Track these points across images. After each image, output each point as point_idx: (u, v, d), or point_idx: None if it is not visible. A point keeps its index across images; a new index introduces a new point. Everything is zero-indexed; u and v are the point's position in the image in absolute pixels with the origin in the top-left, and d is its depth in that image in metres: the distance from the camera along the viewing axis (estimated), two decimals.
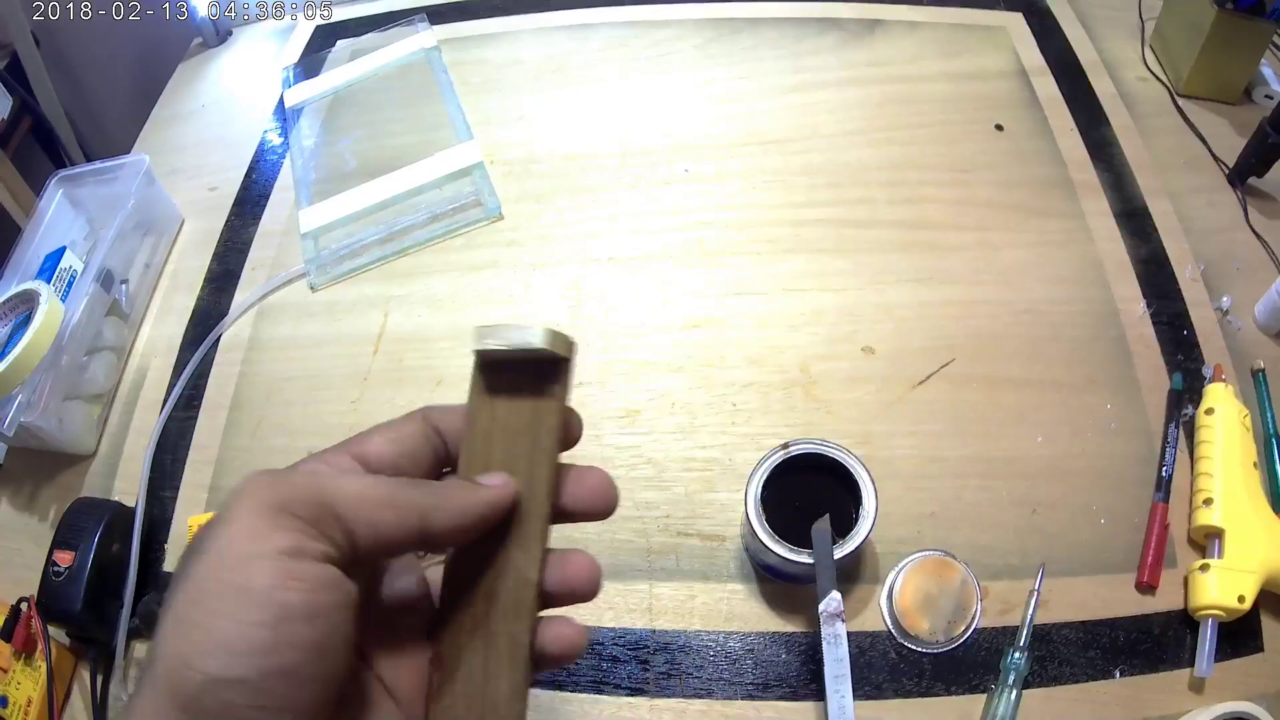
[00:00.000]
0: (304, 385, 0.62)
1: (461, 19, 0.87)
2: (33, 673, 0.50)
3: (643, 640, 0.49)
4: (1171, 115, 0.71)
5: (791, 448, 0.46)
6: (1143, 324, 0.58)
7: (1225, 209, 0.64)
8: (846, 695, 0.41)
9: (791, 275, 0.63)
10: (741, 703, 0.46)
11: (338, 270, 0.68)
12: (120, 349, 0.65)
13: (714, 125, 0.73)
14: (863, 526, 0.44)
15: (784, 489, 0.46)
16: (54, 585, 0.50)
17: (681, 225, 0.66)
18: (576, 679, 0.48)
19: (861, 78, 0.75)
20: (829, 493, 0.47)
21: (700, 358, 0.59)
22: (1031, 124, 0.70)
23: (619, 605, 0.50)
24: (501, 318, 0.63)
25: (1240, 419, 0.51)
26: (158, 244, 0.72)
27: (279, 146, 0.79)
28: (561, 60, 0.81)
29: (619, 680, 0.48)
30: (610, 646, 0.49)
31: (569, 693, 0.47)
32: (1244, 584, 0.45)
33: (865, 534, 0.44)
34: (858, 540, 0.44)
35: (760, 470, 0.46)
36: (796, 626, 0.48)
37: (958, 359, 0.57)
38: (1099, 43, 0.77)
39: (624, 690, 0.47)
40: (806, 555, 0.44)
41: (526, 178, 0.72)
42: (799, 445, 0.46)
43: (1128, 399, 0.55)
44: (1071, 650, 0.46)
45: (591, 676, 0.48)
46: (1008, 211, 0.65)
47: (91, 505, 0.55)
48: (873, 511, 0.45)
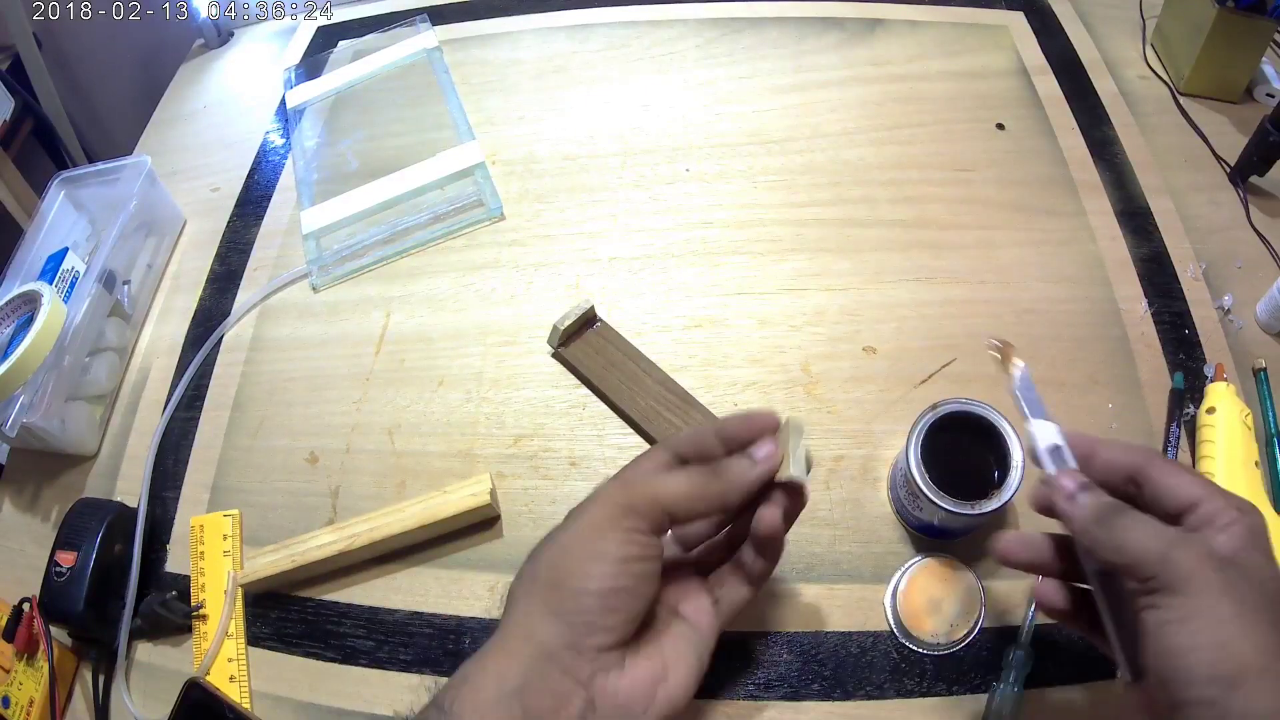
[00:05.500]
0: (306, 385, 0.62)
1: (463, 19, 0.87)
2: (35, 673, 0.51)
3: None
4: (1173, 114, 0.71)
5: (940, 407, 0.47)
6: (1144, 323, 0.58)
7: (1226, 208, 0.64)
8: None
9: (793, 274, 0.63)
10: (742, 703, 0.46)
11: (340, 270, 0.68)
12: (122, 350, 0.66)
13: (715, 125, 0.73)
14: (1013, 478, 0.44)
15: (932, 448, 0.47)
16: (56, 586, 0.51)
17: (683, 225, 0.67)
18: None
19: (863, 77, 0.75)
20: (975, 449, 0.47)
21: (702, 357, 0.59)
22: (1033, 123, 0.70)
23: None
24: (503, 318, 0.63)
25: (1242, 418, 0.51)
26: (160, 245, 0.72)
27: (281, 147, 0.79)
28: (563, 60, 0.81)
29: None
30: None
31: None
32: None
33: (1016, 485, 0.44)
34: (1010, 491, 0.44)
35: (916, 430, 0.47)
36: (797, 626, 0.48)
37: (959, 358, 0.57)
38: (1100, 41, 0.77)
39: None
40: (969, 507, 0.44)
41: (528, 178, 0.72)
42: (947, 405, 0.47)
43: (1129, 398, 0.55)
44: (1073, 649, 0.46)
45: None
46: (1009, 210, 0.65)
47: (94, 506, 0.55)
48: (1022, 464, 0.45)
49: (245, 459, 0.59)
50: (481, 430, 0.58)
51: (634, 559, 0.36)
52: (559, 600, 0.35)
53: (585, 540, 0.36)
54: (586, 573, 0.35)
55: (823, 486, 0.53)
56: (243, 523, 0.56)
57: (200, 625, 0.52)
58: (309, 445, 0.59)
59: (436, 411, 0.59)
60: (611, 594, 0.35)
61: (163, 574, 0.55)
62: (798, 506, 0.40)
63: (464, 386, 0.60)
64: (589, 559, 0.35)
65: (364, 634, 0.51)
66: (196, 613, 0.52)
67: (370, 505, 0.54)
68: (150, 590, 0.54)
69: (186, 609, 0.52)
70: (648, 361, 0.58)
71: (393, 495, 0.56)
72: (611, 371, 0.58)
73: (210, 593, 0.53)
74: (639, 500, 0.37)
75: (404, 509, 0.52)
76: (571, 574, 0.35)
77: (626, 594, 0.36)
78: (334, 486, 0.57)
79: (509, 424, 0.58)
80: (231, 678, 0.50)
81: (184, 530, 0.57)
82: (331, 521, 0.54)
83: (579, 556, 0.36)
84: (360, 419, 0.59)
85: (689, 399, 0.56)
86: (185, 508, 0.58)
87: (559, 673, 0.34)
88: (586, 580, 0.35)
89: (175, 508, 0.58)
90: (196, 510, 0.57)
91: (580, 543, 0.36)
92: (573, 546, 0.36)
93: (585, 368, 0.58)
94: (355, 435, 0.59)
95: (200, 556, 0.54)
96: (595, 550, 0.36)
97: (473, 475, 0.54)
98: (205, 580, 0.53)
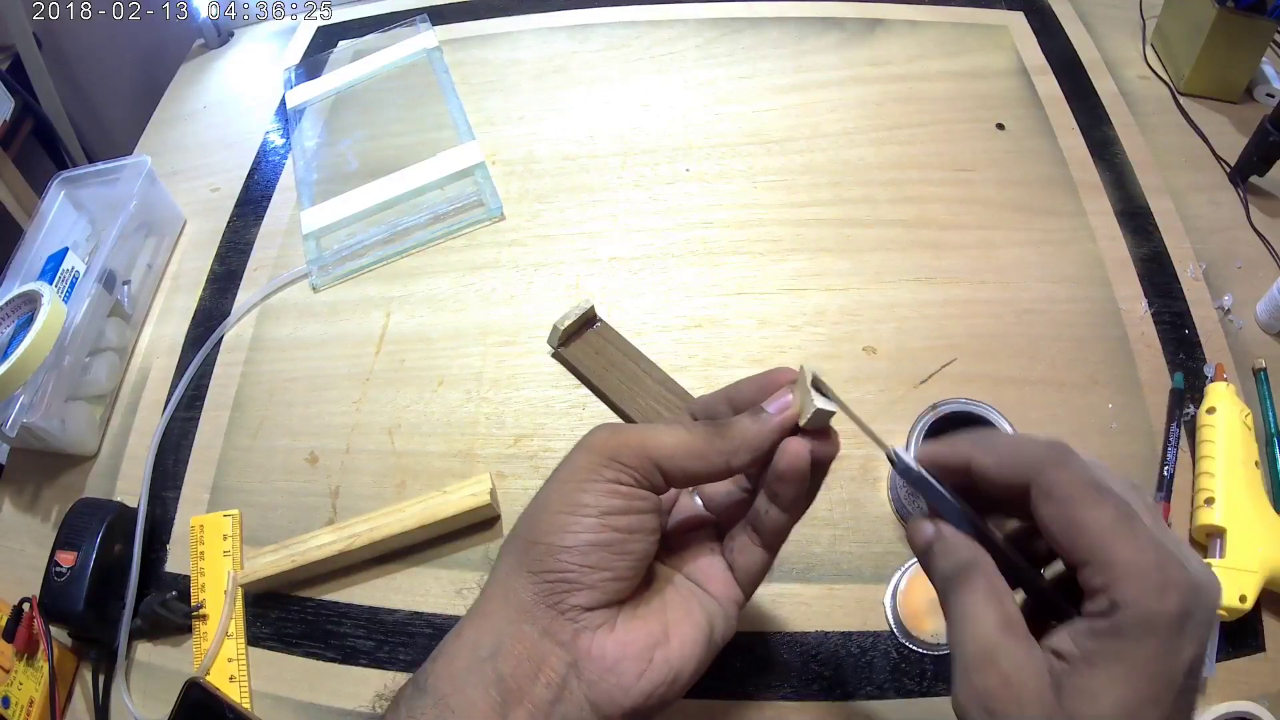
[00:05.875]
0: (306, 385, 0.62)
1: (463, 19, 0.87)
2: (35, 673, 0.51)
3: None
4: (1173, 114, 0.71)
5: (940, 407, 0.47)
6: (1144, 323, 0.58)
7: (1226, 207, 0.64)
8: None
9: (793, 274, 0.63)
10: (742, 703, 0.46)
11: (340, 271, 0.68)
12: (122, 350, 0.66)
13: (715, 125, 0.73)
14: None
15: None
16: (56, 586, 0.51)
17: (683, 225, 0.67)
18: None
19: (863, 77, 0.75)
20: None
21: (702, 357, 0.59)
22: (1033, 123, 0.70)
23: None
24: (503, 318, 0.63)
25: (1242, 418, 0.51)
26: (160, 245, 0.72)
27: (281, 147, 0.79)
28: (563, 60, 0.81)
29: None
30: None
31: None
32: (1245, 583, 0.45)
33: None
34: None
35: (916, 430, 0.47)
36: (797, 627, 0.48)
37: (959, 358, 0.57)
38: (1100, 41, 0.77)
39: None
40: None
41: (528, 178, 0.72)
42: (947, 405, 0.47)
43: (1129, 398, 0.55)
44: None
45: None
46: (1009, 210, 0.65)
47: (94, 506, 0.55)
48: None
49: (245, 459, 0.59)
50: (481, 430, 0.58)
51: (617, 512, 0.32)
52: (536, 557, 0.32)
53: (564, 493, 0.32)
54: (564, 526, 0.32)
55: (823, 486, 0.53)
56: (243, 523, 0.56)
57: (200, 625, 0.52)
58: (309, 445, 0.59)
59: (436, 411, 0.59)
60: (591, 550, 0.31)
61: (163, 574, 0.55)
62: (829, 450, 0.34)
63: (464, 386, 0.60)
64: (566, 511, 0.32)
65: (364, 634, 0.51)
66: (196, 613, 0.52)
67: (370, 505, 0.54)
68: (150, 590, 0.54)
69: (186, 609, 0.52)
70: (648, 361, 0.58)
71: (393, 495, 0.56)
72: (611, 371, 0.58)
73: (210, 593, 0.53)
74: (624, 450, 0.33)
75: (404, 509, 0.52)
76: (549, 529, 0.32)
77: (608, 550, 0.32)
78: (334, 486, 0.57)
79: (509, 424, 0.58)
80: (231, 678, 0.50)
81: (184, 530, 0.57)
82: (331, 521, 0.54)
83: (556, 509, 0.32)
84: (360, 419, 0.59)
85: (689, 399, 0.56)
86: (185, 508, 0.58)
87: (537, 634, 0.31)
88: (563, 535, 0.32)
89: (175, 508, 0.58)
90: (196, 510, 0.57)
91: (559, 496, 0.33)
92: (551, 500, 0.33)
93: (585, 368, 0.58)
94: (355, 435, 0.59)
95: (200, 556, 0.54)
96: (573, 502, 0.32)
97: (473, 475, 0.54)
98: (205, 580, 0.53)
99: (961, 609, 0.28)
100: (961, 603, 0.28)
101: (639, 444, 0.33)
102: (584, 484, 0.32)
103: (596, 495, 0.32)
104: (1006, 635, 0.27)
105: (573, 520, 0.32)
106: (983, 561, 0.29)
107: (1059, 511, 0.27)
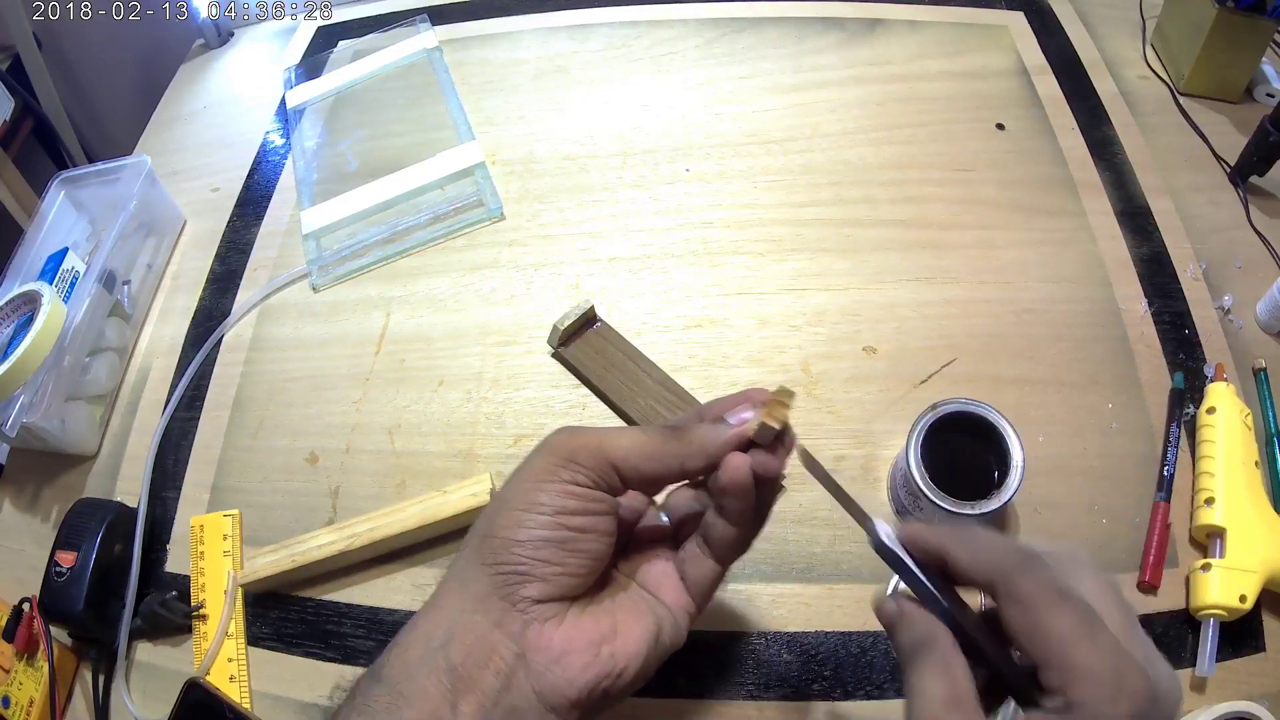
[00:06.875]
0: (306, 385, 0.62)
1: (463, 19, 0.87)
2: (35, 673, 0.51)
3: None
4: (1173, 114, 0.71)
5: (940, 407, 0.47)
6: (1144, 323, 0.58)
7: (1226, 207, 0.64)
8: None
9: (793, 274, 0.63)
10: (742, 703, 0.46)
11: (339, 271, 0.68)
12: (122, 350, 0.66)
13: (715, 125, 0.73)
14: (1013, 479, 0.44)
15: (932, 448, 0.47)
16: (56, 586, 0.51)
17: (683, 225, 0.67)
18: None
19: (863, 77, 0.75)
20: (974, 449, 0.47)
21: (702, 357, 0.59)
22: (1033, 123, 0.70)
23: None
24: (503, 318, 0.63)
25: (1242, 418, 0.51)
26: (160, 245, 0.72)
27: (281, 147, 0.79)
28: (563, 60, 0.81)
29: None
30: None
31: None
32: (1245, 583, 0.45)
33: (1016, 486, 0.44)
34: (1010, 492, 0.44)
35: (916, 430, 0.47)
36: (797, 627, 0.48)
37: (959, 358, 0.57)
38: (1100, 41, 0.77)
39: None
40: (969, 507, 0.44)
41: (528, 178, 0.72)
42: (947, 405, 0.47)
43: (1129, 398, 0.55)
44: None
45: None
46: (1009, 210, 0.65)
47: (94, 506, 0.55)
48: (1021, 464, 0.45)
49: (245, 459, 0.59)
50: (481, 430, 0.58)
51: (570, 512, 0.33)
52: (491, 550, 0.33)
53: (522, 491, 0.34)
54: (519, 522, 0.33)
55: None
56: (243, 523, 0.56)
57: (200, 625, 0.52)
58: (309, 445, 0.59)
59: (436, 411, 0.59)
60: (543, 545, 0.33)
61: (163, 574, 0.55)
62: (772, 466, 0.35)
63: (464, 386, 0.60)
64: (522, 509, 0.33)
65: (364, 634, 0.51)
66: (196, 613, 0.52)
67: (370, 505, 0.54)
68: (150, 590, 0.54)
69: (186, 609, 0.52)
70: (648, 361, 0.58)
71: (393, 495, 0.56)
72: (611, 371, 0.58)
73: (210, 593, 0.53)
74: (581, 451, 0.34)
75: (404, 509, 0.52)
76: (505, 524, 0.33)
77: (560, 547, 0.33)
78: (334, 486, 0.57)
79: (509, 424, 0.58)
80: (231, 678, 0.50)
81: (184, 530, 0.57)
82: (331, 521, 0.54)
83: (513, 506, 0.34)
84: (360, 419, 0.59)
85: (689, 399, 0.56)
86: (185, 508, 0.58)
87: (489, 624, 0.32)
88: (518, 530, 0.33)
89: (175, 508, 0.58)
90: (196, 510, 0.57)
91: (517, 494, 0.34)
92: (509, 497, 0.34)
93: (585, 368, 0.58)
94: (355, 435, 0.59)
95: (200, 556, 0.54)
96: (529, 501, 0.33)
97: (473, 475, 0.54)
98: (205, 580, 0.53)
99: (914, 682, 0.29)
100: (915, 676, 0.29)
101: (596, 446, 0.34)
102: (541, 483, 0.34)
103: (552, 495, 0.33)
104: (953, 711, 0.28)
105: (527, 517, 0.33)
106: (940, 637, 0.30)
107: (1022, 615, 0.28)
